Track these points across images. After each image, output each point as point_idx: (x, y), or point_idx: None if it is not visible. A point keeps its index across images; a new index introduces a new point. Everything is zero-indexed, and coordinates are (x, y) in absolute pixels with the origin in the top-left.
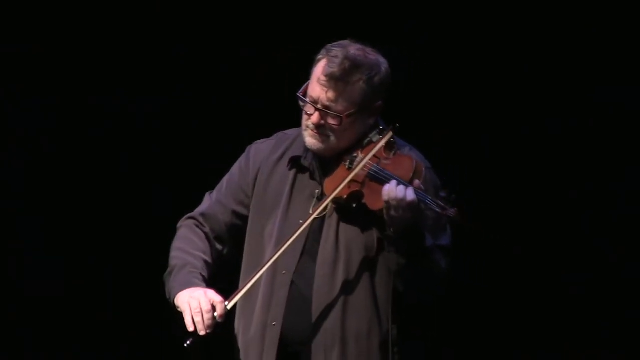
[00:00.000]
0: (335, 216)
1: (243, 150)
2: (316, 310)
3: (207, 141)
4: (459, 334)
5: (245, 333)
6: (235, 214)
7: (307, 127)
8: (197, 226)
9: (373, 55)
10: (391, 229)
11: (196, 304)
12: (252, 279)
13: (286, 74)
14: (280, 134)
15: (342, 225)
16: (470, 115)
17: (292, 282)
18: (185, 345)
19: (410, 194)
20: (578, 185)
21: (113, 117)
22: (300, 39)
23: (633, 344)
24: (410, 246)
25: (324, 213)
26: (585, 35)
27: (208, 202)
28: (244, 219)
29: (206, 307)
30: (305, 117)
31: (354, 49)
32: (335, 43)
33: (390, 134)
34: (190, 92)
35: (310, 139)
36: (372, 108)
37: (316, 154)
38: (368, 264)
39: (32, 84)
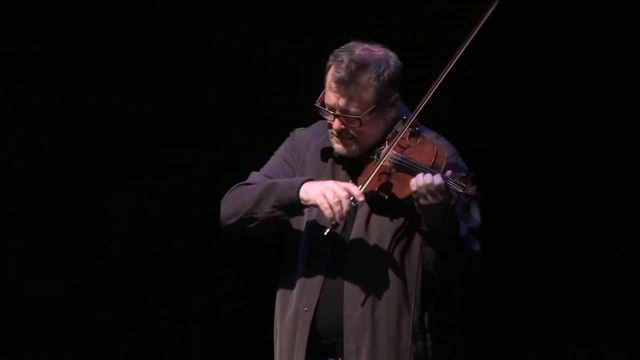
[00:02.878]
0: (366, 207)
1: (243, 150)
2: (347, 297)
3: (206, 141)
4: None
5: (281, 320)
6: None
7: (332, 133)
8: None
9: (380, 51)
10: (425, 223)
11: (331, 194)
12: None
13: (286, 73)
14: (319, 122)
15: (373, 214)
16: (477, 111)
17: (326, 272)
18: (325, 233)
19: (437, 178)
20: (584, 180)
21: (113, 117)
22: (302, 39)
23: (639, 339)
24: (447, 238)
25: (357, 204)
26: (591, 30)
27: (256, 176)
28: None
29: (343, 193)
30: (327, 123)
31: (359, 49)
32: (342, 47)
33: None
34: (190, 92)
35: (337, 145)
36: (388, 102)
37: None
38: (398, 251)
39: (32, 84)
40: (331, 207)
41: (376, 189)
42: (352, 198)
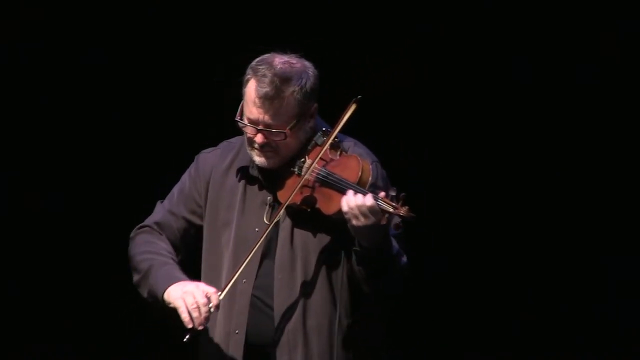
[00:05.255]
0: (288, 220)
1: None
2: (278, 313)
3: (206, 142)
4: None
5: (207, 343)
6: (188, 222)
7: (253, 147)
8: (155, 233)
9: (298, 63)
10: (359, 243)
11: (191, 299)
12: (233, 276)
13: None
14: (225, 143)
15: (297, 228)
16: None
17: (253, 289)
18: (185, 340)
19: (368, 199)
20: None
21: (112, 116)
22: (300, 41)
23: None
24: (379, 258)
25: (278, 219)
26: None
27: (160, 211)
28: (197, 227)
29: (202, 300)
30: (248, 136)
31: (279, 62)
32: (259, 60)
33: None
34: (185, 94)
35: (258, 158)
36: (309, 113)
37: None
38: (325, 263)
39: (32, 83)
40: (189, 313)
41: (299, 202)
42: (210, 305)
